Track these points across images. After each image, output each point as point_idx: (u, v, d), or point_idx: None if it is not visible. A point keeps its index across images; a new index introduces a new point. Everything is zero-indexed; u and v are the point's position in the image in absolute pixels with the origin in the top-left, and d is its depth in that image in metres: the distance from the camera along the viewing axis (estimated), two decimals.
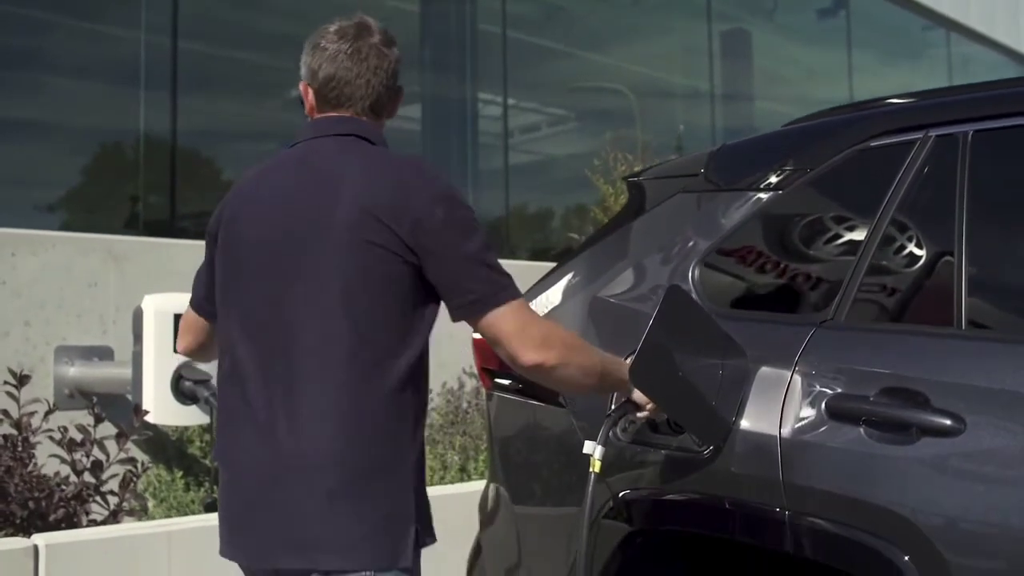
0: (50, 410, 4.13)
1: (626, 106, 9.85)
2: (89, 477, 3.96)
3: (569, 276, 2.78)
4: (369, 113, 2.12)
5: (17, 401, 4.06)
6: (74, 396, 4.81)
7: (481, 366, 2.89)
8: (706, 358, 2.24)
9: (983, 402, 1.93)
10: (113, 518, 3.94)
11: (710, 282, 2.51)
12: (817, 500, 2.07)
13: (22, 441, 3.94)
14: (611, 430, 2.23)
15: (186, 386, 4.50)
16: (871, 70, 13.04)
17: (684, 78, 11.11)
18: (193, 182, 6.91)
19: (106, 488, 3.99)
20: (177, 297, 4.46)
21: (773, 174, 2.52)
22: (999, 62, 14.10)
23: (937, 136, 2.26)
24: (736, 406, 2.22)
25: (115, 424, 4.18)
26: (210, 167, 7.35)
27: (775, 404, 2.17)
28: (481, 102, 9.22)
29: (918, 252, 2.29)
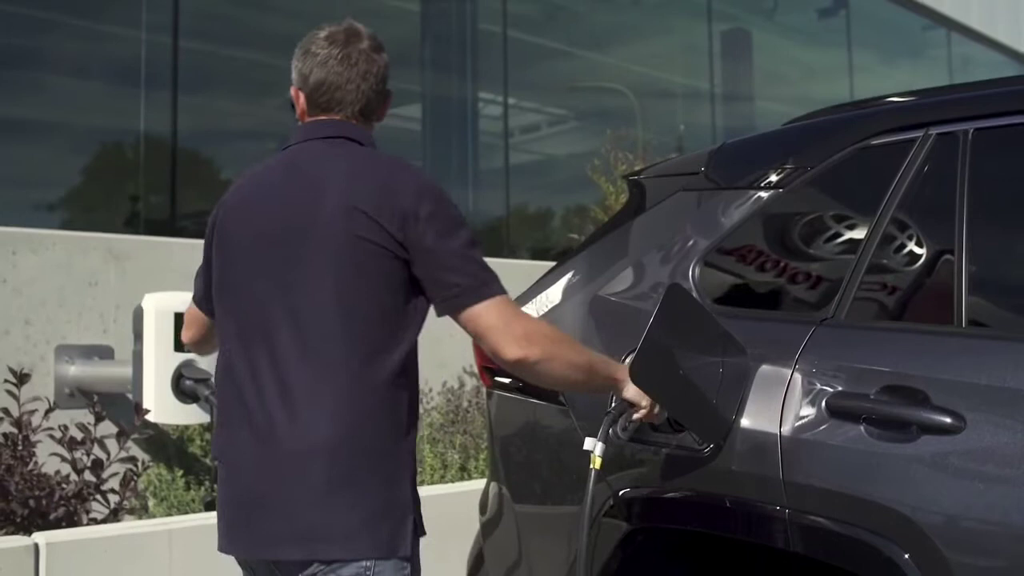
0: (50, 408, 4.13)
1: (626, 106, 9.85)
2: (89, 476, 3.96)
3: (569, 275, 2.78)
4: (359, 117, 2.16)
5: (17, 400, 4.06)
6: (74, 395, 4.80)
7: (482, 365, 2.89)
8: (706, 356, 2.24)
9: (983, 400, 1.93)
10: (114, 517, 3.94)
11: (710, 280, 2.51)
12: (817, 498, 2.07)
13: (22, 440, 3.94)
14: (611, 427, 2.23)
15: (186, 385, 4.50)
16: (871, 70, 13.04)
17: (684, 78, 11.11)
18: (193, 181, 6.91)
19: (106, 487, 3.99)
20: (177, 296, 4.46)
21: (773, 173, 2.52)
22: (1000, 62, 14.09)
23: (938, 134, 2.26)
24: (736, 404, 2.22)
25: (115, 423, 4.18)
26: (210, 166, 7.35)
27: (775, 402, 2.17)
28: (481, 102, 9.22)
29: (918, 250, 2.29)
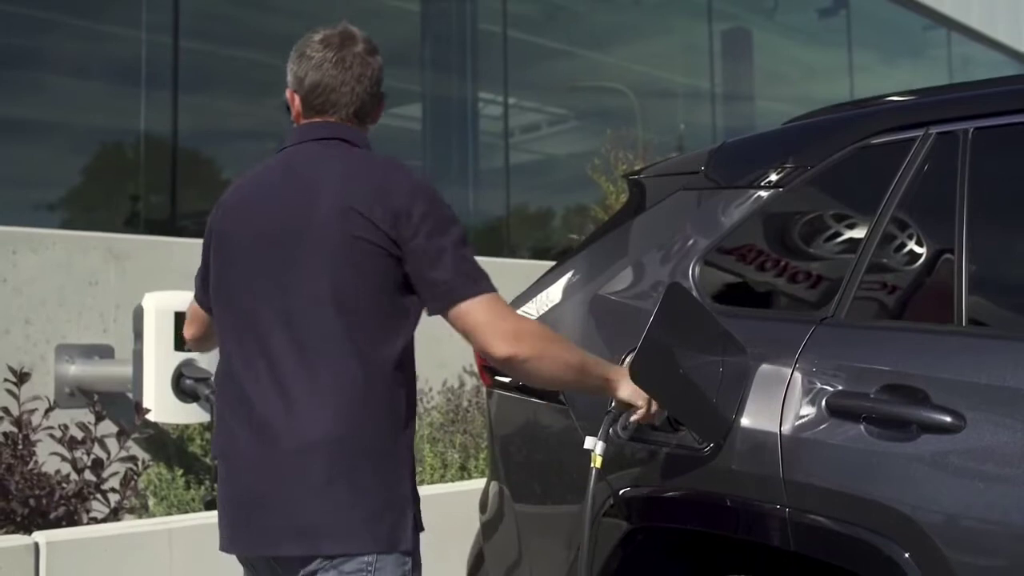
0: (51, 408, 4.12)
1: (627, 105, 9.84)
2: (90, 475, 3.96)
3: (569, 274, 2.78)
4: (353, 119, 2.18)
5: (18, 399, 4.06)
6: (75, 394, 4.80)
7: (482, 364, 2.90)
8: (706, 355, 2.24)
9: (983, 399, 1.93)
10: (114, 516, 3.94)
11: (710, 280, 2.51)
12: (817, 497, 2.07)
13: (23, 439, 3.94)
14: (611, 427, 2.22)
15: (187, 384, 4.50)
16: (872, 69, 13.04)
17: (685, 77, 11.10)
18: (193, 181, 6.90)
19: (107, 486, 3.98)
20: (177, 295, 4.45)
21: (773, 172, 2.52)
22: (1000, 62, 14.09)
23: (938, 133, 2.26)
24: (736, 403, 2.22)
25: (116, 422, 4.17)
26: (210, 166, 7.35)
27: (775, 401, 2.17)
28: (482, 101, 9.22)
29: (918, 249, 2.29)
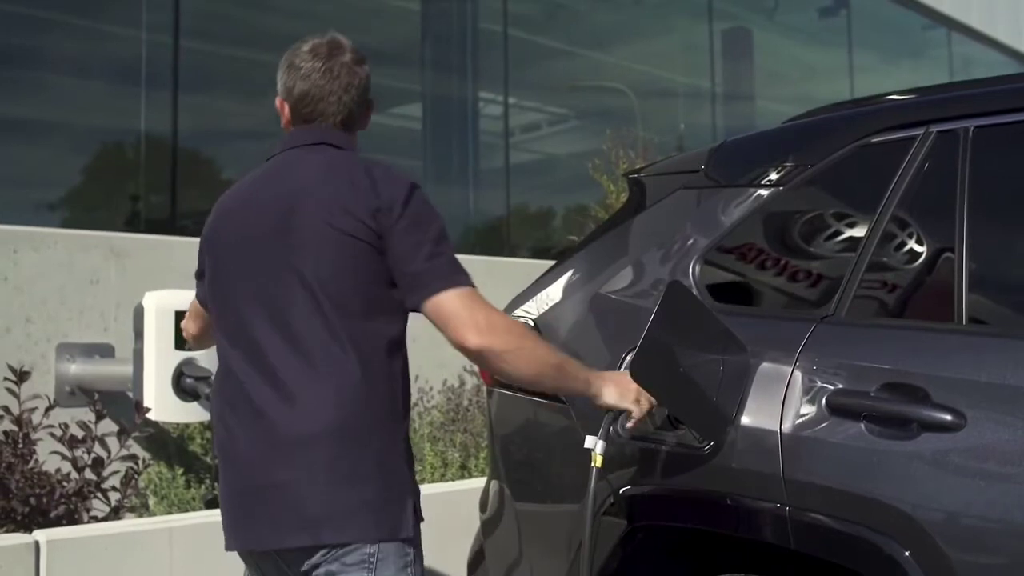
0: (51, 406, 4.12)
1: (627, 105, 9.84)
2: (90, 474, 3.96)
3: (570, 273, 2.78)
4: (341, 127, 2.23)
5: (18, 398, 4.05)
6: (75, 393, 4.80)
7: None
8: (707, 354, 2.24)
9: (984, 397, 1.93)
10: (114, 515, 3.94)
11: (710, 278, 2.51)
12: (818, 496, 2.07)
13: (23, 438, 3.93)
14: (612, 426, 2.22)
15: (187, 383, 4.49)
16: (872, 69, 13.03)
17: (685, 77, 11.10)
18: (194, 181, 6.90)
19: (107, 485, 3.98)
20: (178, 294, 4.45)
21: (774, 170, 2.52)
22: (1000, 62, 14.09)
23: (938, 132, 2.26)
24: (737, 402, 2.22)
25: (116, 421, 4.17)
26: (211, 166, 7.35)
27: (776, 400, 2.17)
28: (482, 101, 9.21)
29: (919, 248, 2.29)
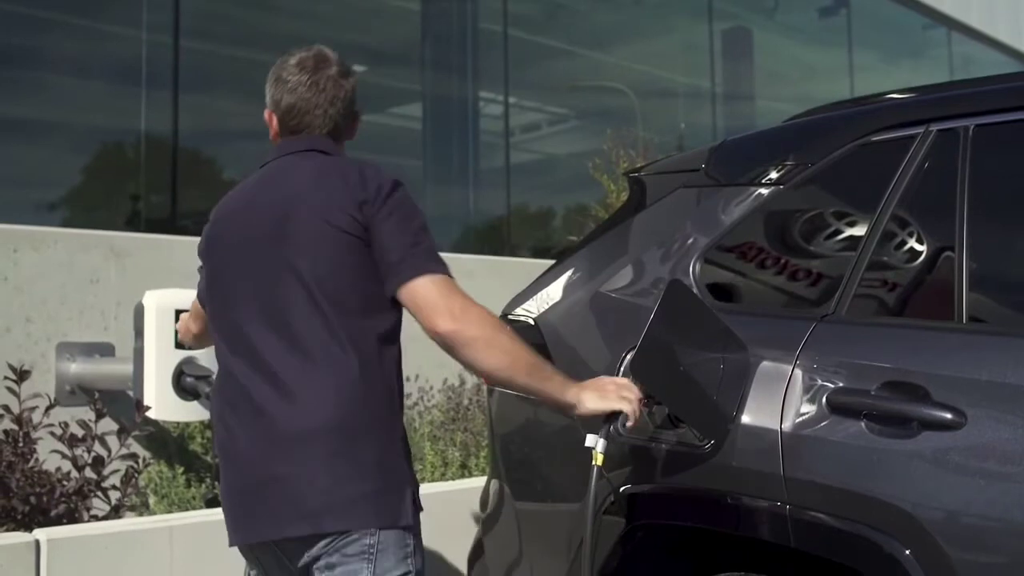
0: (51, 405, 4.12)
1: (627, 105, 9.84)
2: (90, 473, 3.96)
3: (570, 272, 2.78)
4: (328, 138, 2.29)
5: (18, 397, 4.05)
6: (75, 392, 4.80)
7: None
8: (707, 352, 2.24)
9: (984, 396, 1.93)
10: (115, 513, 3.94)
11: (711, 277, 2.51)
12: (818, 494, 2.07)
13: (23, 437, 3.93)
14: (612, 424, 2.22)
15: (187, 382, 4.49)
16: (872, 69, 13.03)
17: (685, 77, 11.10)
18: (194, 180, 6.90)
19: (107, 484, 3.98)
20: (178, 293, 4.46)
21: (774, 169, 2.52)
22: (1000, 61, 14.09)
23: (938, 131, 2.26)
24: (737, 400, 2.22)
25: (116, 420, 4.17)
26: (211, 166, 7.35)
27: (776, 398, 2.17)
28: (482, 101, 9.21)
29: (919, 247, 2.29)
